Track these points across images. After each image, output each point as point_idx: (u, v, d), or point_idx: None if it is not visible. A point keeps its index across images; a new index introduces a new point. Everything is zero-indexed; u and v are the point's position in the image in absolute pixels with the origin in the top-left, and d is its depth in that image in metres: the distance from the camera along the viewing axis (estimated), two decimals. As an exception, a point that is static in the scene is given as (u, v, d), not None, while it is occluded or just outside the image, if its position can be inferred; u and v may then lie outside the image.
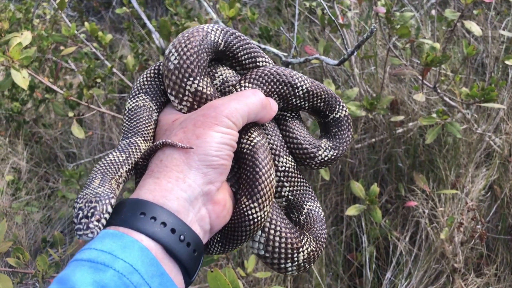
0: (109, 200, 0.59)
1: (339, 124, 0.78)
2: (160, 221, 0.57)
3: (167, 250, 0.56)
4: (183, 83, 0.68)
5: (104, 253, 0.52)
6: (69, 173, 2.03)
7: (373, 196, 1.75)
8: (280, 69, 0.73)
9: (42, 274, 1.05)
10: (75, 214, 0.57)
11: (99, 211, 0.57)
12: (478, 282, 1.93)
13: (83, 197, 0.59)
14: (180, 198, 0.60)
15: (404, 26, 1.69)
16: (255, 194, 0.65)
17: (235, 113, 0.64)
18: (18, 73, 1.30)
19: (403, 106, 2.32)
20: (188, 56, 0.68)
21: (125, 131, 0.70)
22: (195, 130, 0.63)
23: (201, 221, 0.62)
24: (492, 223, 2.14)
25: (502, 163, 2.15)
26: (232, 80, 0.74)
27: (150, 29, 2.77)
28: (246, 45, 0.74)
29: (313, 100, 0.76)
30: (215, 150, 0.62)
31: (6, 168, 2.79)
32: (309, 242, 0.71)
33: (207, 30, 0.71)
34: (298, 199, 0.75)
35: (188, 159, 0.61)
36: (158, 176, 0.61)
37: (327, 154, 0.76)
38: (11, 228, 2.34)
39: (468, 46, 1.76)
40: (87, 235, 0.55)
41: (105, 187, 0.61)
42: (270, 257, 0.69)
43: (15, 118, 3.10)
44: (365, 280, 2.03)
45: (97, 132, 3.06)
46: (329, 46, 1.77)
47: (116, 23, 4.53)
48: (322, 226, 0.75)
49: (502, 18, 2.62)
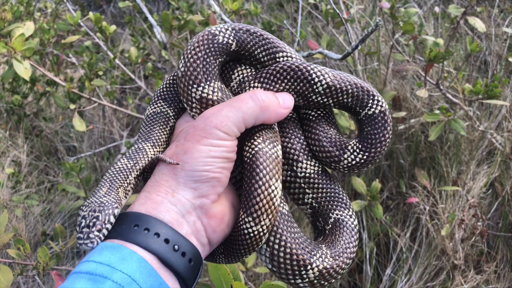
0: (112, 210, 0.59)
1: (372, 122, 0.68)
2: (153, 232, 0.57)
3: (161, 261, 0.56)
4: (189, 90, 0.66)
5: (102, 265, 0.53)
6: (70, 166, 2.03)
7: (374, 192, 1.75)
8: (296, 63, 0.66)
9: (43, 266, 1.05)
10: (78, 222, 0.58)
11: (101, 221, 0.57)
12: (478, 279, 1.93)
13: (88, 205, 0.60)
14: (171, 210, 0.60)
15: (408, 22, 1.68)
16: (249, 208, 0.61)
17: (226, 121, 0.61)
18: (20, 64, 1.29)
19: (405, 103, 2.31)
20: (191, 63, 0.66)
21: (139, 137, 0.71)
22: (184, 144, 0.62)
23: (197, 234, 0.62)
24: (492, 220, 2.14)
25: (503, 160, 2.15)
26: (250, 80, 0.69)
27: (152, 23, 2.76)
28: (262, 41, 0.68)
29: (338, 96, 0.67)
30: (203, 165, 0.60)
31: (6, 161, 2.78)
32: (322, 258, 0.64)
33: (214, 32, 0.67)
34: (324, 206, 0.70)
35: (176, 175, 0.61)
36: (149, 190, 0.62)
37: (354, 157, 0.68)
38: (11, 221, 2.34)
39: (471, 43, 1.75)
40: (86, 245, 0.56)
41: (111, 196, 0.61)
42: (277, 272, 0.65)
43: (15, 111, 3.09)
44: (365, 276, 2.03)
45: (97, 126, 3.05)
46: (332, 41, 1.76)
47: (117, 17, 4.51)
48: (351, 238, 0.68)
49: (506, 15, 2.61)
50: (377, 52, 2.20)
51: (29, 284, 2.21)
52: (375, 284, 2.05)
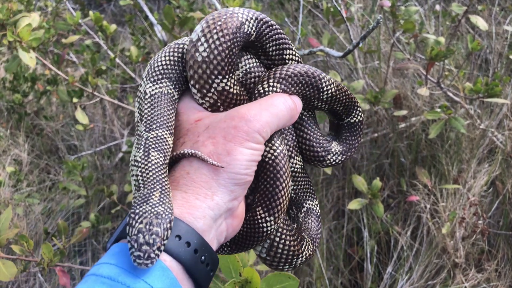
0: (170, 224, 0.54)
1: (352, 129, 0.76)
2: (184, 240, 0.55)
3: (187, 271, 0.55)
4: (210, 80, 0.62)
5: (124, 271, 0.51)
6: (72, 164, 2.03)
7: (375, 191, 1.75)
8: (311, 70, 0.68)
9: (47, 262, 1.05)
10: (133, 237, 0.52)
11: (160, 237, 0.52)
12: (479, 278, 1.94)
13: (142, 214, 0.54)
14: (207, 216, 0.58)
15: (409, 21, 1.68)
16: (273, 208, 0.63)
17: (267, 127, 0.61)
18: (26, 53, 1.28)
19: (406, 101, 2.31)
20: (219, 51, 0.61)
21: (148, 120, 0.63)
22: (225, 144, 0.60)
23: (219, 236, 0.61)
24: (493, 218, 2.14)
25: (504, 159, 2.15)
26: (255, 71, 0.68)
27: (152, 21, 2.76)
28: (277, 36, 0.68)
29: (333, 104, 0.72)
30: (245, 168, 0.60)
31: (7, 160, 2.78)
32: (307, 246, 0.70)
33: (241, 19, 0.63)
34: (300, 197, 0.74)
35: (217, 176, 0.59)
36: (186, 190, 0.59)
37: (335, 159, 0.74)
38: (13, 220, 2.34)
39: (472, 41, 1.75)
40: (147, 265, 0.51)
41: (165, 204, 0.55)
42: (270, 260, 0.68)
43: (16, 110, 3.10)
44: (366, 275, 2.03)
45: (98, 125, 3.06)
46: (333, 39, 1.76)
47: (118, 16, 4.51)
48: (318, 225, 0.75)
49: (507, 13, 2.61)
50: (377, 50, 2.20)
51: (30, 282, 2.22)
52: (376, 282, 2.05)
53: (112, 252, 0.54)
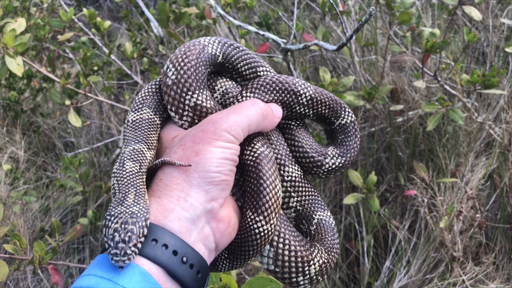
0: (145, 222, 0.55)
1: (345, 131, 0.76)
2: (161, 243, 0.55)
3: (169, 273, 0.55)
4: (182, 98, 0.67)
5: (104, 280, 0.51)
6: (69, 160, 2.02)
7: (370, 185, 1.74)
8: (282, 77, 0.71)
9: (38, 260, 1.04)
10: (110, 236, 0.53)
11: (136, 235, 0.53)
12: (477, 271, 1.94)
13: (117, 215, 0.55)
14: (182, 218, 0.58)
15: (404, 12, 1.67)
16: (260, 207, 0.63)
17: (235, 126, 0.63)
18: (13, 59, 1.28)
19: (403, 95, 2.30)
20: (185, 71, 0.67)
21: (128, 139, 0.67)
22: (194, 146, 0.61)
23: (205, 240, 0.61)
24: (491, 212, 2.14)
25: (502, 152, 2.15)
26: (232, 92, 0.72)
27: (149, 17, 2.75)
28: (245, 55, 0.73)
29: (318, 107, 0.74)
30: (216, 166, 0.60)
31: (4, 158, 2.77)
32: (320, 253, 0.69)
33: (203, 43, 0.70)
34: (307, 209, 0.74)
35: (188, 177, 0.60)
36: (159, 195, 0.60)
37: (334, 161, 0.74)
38: (10, 218, 2.33)
39: (469, 33, 1.74)
40: (124, 262, 0.52)
41: (140, 204, 0.57)
42: (280, 272, 0.67)
43: (12, 108, 3.08)
44: (364, 269, 2.03)
45: (95, 122, 3.04)
46: (328, 33, 1.75)
47: (114, 12, 4.49)
48: (334, 236, 0.73)
49: (503, 6, 2.60)
50: (374, 44, 2.19)
51: (27, 280, 2.22)
52: (374, 276, 2.05)
53: (94, 263, 0.54)
